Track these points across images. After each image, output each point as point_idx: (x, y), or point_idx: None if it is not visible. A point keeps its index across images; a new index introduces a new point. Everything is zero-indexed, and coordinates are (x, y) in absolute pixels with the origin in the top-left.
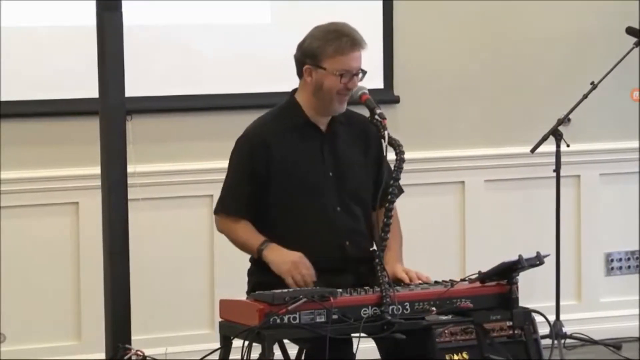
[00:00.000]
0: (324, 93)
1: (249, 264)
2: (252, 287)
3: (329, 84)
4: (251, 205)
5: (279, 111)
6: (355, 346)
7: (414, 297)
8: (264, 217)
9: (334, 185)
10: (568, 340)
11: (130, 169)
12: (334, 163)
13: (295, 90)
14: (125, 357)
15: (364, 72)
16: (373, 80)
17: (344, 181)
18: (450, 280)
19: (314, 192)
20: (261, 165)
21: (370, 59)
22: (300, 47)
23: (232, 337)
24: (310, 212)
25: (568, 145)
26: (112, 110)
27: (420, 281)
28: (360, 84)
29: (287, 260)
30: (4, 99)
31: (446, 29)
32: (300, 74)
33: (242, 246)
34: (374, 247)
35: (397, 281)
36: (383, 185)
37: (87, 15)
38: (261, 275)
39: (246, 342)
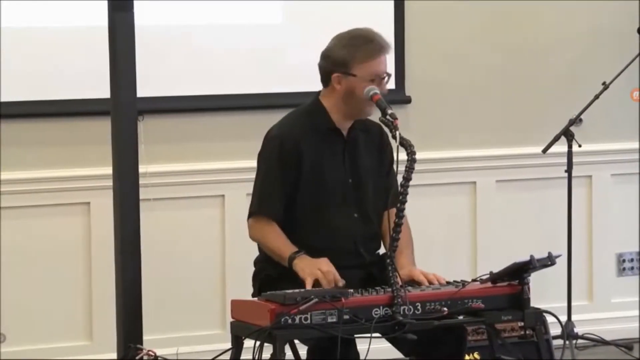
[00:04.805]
0: (356, 100)
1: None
2: (259, 284)
3: (361, 90)
4: (285, 205)
5: (305, 112)
6: (358, 346)
7: (426, 297)
8: (285, 217)
9: (352, 192)
10: (579, 341)
11: (141, 169)
12: (353, 170)
13: (319, 92)
14: (137, 357)
15: (389, 75)
16: None
17: (362, 188)
18: (461, 280)
19: (334, 198)
20: (293, 165)
21: None
22: (326, 56)
23: (243, 337)
24: (329, 217)
25: (580, 146)
26: (124, 111)
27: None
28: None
29: (313, 264)
30: (16, 99)
31: (457, 30)
32: (326, 81)
33: (273, 252)
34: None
35: (417, 284)
36: (393, 188)
37: (99, 16)
38: (267, 267)
39: (257, 342)
